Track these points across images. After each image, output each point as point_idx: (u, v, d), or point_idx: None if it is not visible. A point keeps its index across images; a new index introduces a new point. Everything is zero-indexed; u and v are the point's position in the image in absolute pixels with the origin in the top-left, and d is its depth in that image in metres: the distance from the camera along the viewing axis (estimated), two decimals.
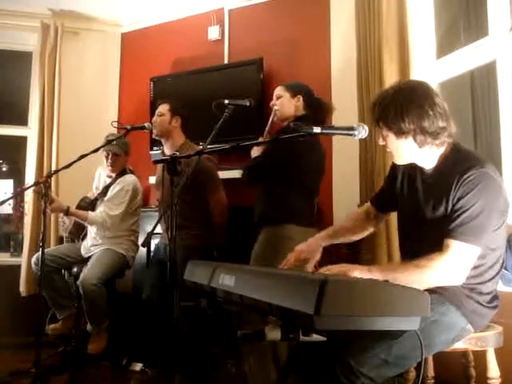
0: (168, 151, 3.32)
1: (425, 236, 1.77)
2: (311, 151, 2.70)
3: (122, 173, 3.72)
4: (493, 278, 1.73)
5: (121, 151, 3.65)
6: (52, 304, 3.64)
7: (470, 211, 1.61)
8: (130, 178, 3.68)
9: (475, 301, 1.70)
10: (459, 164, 1.70)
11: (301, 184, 2.71)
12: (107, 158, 3.66)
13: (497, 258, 1.72)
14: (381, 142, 1.84)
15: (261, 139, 2.85)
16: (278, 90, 2.90)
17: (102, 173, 3.86)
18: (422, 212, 1.80)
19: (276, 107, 2.84)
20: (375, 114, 1.80)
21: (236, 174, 3.39)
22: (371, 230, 2.15)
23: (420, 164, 1.85)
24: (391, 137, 1.78)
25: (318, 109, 2.84)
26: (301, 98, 2.83)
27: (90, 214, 3.57)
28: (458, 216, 1.62)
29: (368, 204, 2.15)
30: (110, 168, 3.71)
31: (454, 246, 1.59)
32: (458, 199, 1.64)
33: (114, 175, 3.73)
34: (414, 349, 1.51)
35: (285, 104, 2.83)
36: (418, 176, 1.89)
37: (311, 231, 2.71)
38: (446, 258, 1.58)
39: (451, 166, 1.73)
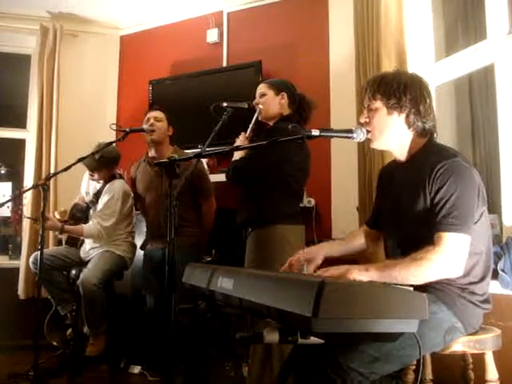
0: (158, 158, 3.30)
1: (406, 232, 1.78)
2: (298, 153, 2.69)
3: (110, 178, 3.71)
4: (483, 278, 1.72)
5: (98, 167, 3.58)
6: (54, 299, 3.63)
7: (451, 200, 1.62)
8: (118, 185, 3.66)
9: (468, 300, 1.70)
10: (432, 157, 1.72)
11: (287, 186, 2.70)
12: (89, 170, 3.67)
13: (479, 255, 1.70)
14: (363, 119, 1.84)
15: (242, 136, 2.81)
16: (262, 88, 2.85)
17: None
18: (400, 206, 1.80)
19: (260, 106, 2.81)
20: (373, 86, 1.81)
21: None
22: (371, 248, 2.12)
23: (395, 152, 1.87)
24: (382, 112, 1.79)
25: (301, 105, 2.82)
26: (285, 95, 2.80)
27: (85, 228, 3.56)
28: (442, 207, 1.63)
29: (364, 226, 2.13)
30: (91, 179, 3.74)
31: (447, 238, 1.59)
32: (437, 191, 1.65)
33: (101, 181, 3.73)
34: (403, 347, 1.51)
35: (270, 102, 2.80)
36: (395, 171, 1.92)
37: (300, 228, 2.74)
38: (441, 250, 1.57)
39: (425, 158, 1.75)
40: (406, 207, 1.77)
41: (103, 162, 3.55)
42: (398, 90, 1.76)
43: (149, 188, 3.41)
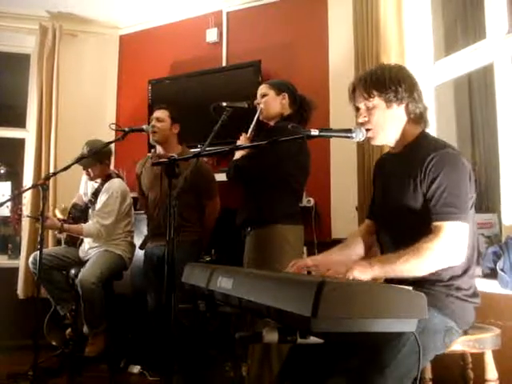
0: (165, 156, 3.32)
1: (397, 221, 1.78)
2: (299, 153, 2.71)
3: (107, 178, 3.71)
4: (467, 271, 1.72)
5: (92, 163, 3.58)
6: (53, 299, 3.64)
7: (448, 190, 1.63)
8: (116, 183, 3.66)
9: (455, 297, 1.69)
10: (423, 148, 1.74)
11: (288, 185, 2.72)
12: (83, 169, 3.67)
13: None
14: (361, 119, 1.84)
15: (243, 137, 2.82)
16: (263, 88, 2.88)
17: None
18: (392, 197, 1.81)
19: (261, 105, 2.83)
20: (366, 84, 1.81)
21: None
22: (373, 243, 2.08)
23: (393, 145, 1.87)
24: (381, 106, 1.79)
25: (302, 106, 2.84)
26: (286, 96, 2.82)
27: (84, 227, 3.56)
28: (439, 198, 1.64)
29: (366, 220, 2.11)
30: (88, 178, 3.74)
31: (446, 227, 1.60)
32: (431, 182, 1.66)
33: (98, 180, 3.73)
34: (412, 365, 1.50)
35: (270, 102, 2.82)
36: (389, 161, 1.93)
37: (299, 228, 2.75)
38: (441, 239, 1.58)
39: (417, 150, 1.77)
40: (397, 197, 1.77)
41: (95, 157, 3.50)
42: (392, 82, 1.77)
43: (152, 185, 3.42)
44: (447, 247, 1.59)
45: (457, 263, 1.62)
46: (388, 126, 1.82)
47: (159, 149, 3.44)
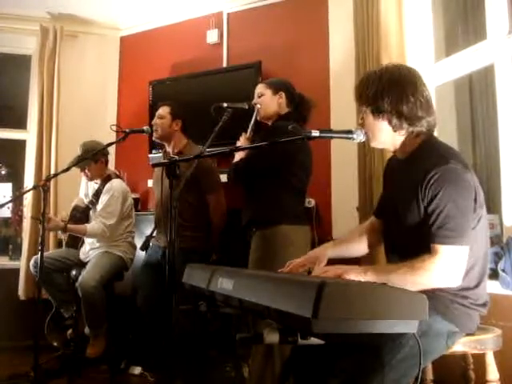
0: (171, 153, 3.32)
1: (402, 233, 1.76)
2: (299, 152, 2.70)
3: (107, 178, 3.71)
4: (478, 284, 1.69)
5: (86, 162, 3.56)
6: (56, 302, 3.64)
7: (445, 211, 1.57)
8: (116, 184, 3.67)
9: (461, 304, 1.66)
10: (426, 160, 1.67)
11: (290, 184, 2.71)
12: (80, 171, 3.68)
13: (475, 260, 1.66)
14: (359, 121, 1.84)
15: (243, 137, 2.83)
16: (260, 88, 2.88)
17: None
18: (396, 207, 1.79)
19: (258, 105, 2.83)
20: (358, 91, 1.80)
21: None
22: (379, 241, 2.04)
23: (393, 150, 1.85)
24: (369, 115, 1.78)
25: (300, 104, 2.84)
26: (283, 95, 2.82)
27: (88, 227, 3.56)
28: (436, 218, 1.59)
29: (372, 217, 2.09)
30: (87, 179, 3.74)
31: (442, 251, 1.56)
32: (430, 200, 1.61)
33: (98, 181, 3.73)
34: (410, 368, 1.50)
35: (267, 101, 2.82)
36: (396, 166, 1.90)
37: (304, 229, 2.74)
38: (437, 262, 1.55)
39: (420, 160, 1.71)
40: (400, 209, 1.75)
41: (92, 155, 3.47)
42: (375, 94, 1.72)
43: (157, 183, 3.41)
44: (442, 271, 1.55)
45: (451, 286, 1.59)
46: (379, 134, 1.79)
47: (166, 146, 3.42)
